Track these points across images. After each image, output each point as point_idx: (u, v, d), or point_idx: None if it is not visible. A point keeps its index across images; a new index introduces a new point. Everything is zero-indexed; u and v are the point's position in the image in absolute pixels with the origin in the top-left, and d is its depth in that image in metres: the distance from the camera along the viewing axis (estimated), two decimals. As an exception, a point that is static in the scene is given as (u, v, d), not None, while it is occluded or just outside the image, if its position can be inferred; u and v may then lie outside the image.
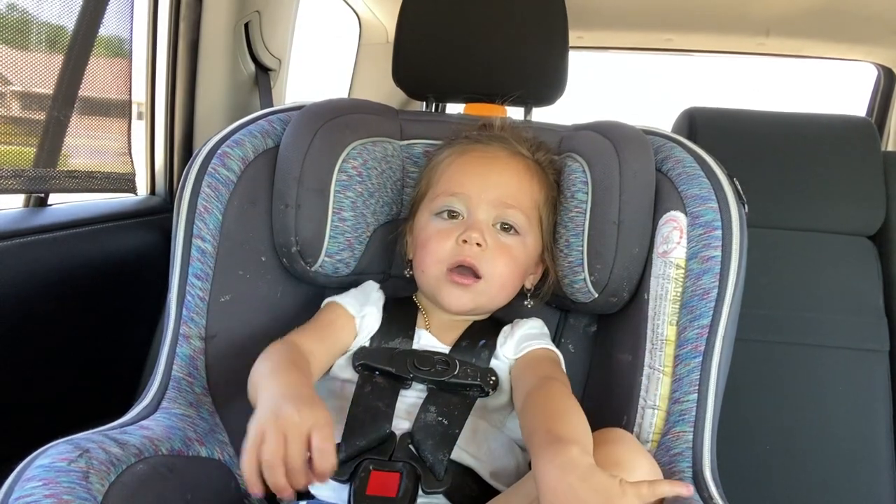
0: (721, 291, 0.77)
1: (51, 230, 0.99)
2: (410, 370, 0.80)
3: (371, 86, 1.99)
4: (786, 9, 1.65)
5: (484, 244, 0.82)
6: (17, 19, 0.95)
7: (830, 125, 1.41)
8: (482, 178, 0.84)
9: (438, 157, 0.91)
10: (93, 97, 1.11)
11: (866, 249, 1.34)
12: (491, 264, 0.82)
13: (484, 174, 0.85)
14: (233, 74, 1.30)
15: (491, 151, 0.88)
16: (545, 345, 0.84)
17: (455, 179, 0.85)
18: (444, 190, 0.86)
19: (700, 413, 0.76)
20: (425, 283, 0.86)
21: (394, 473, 0.72)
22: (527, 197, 0.86)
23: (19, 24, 0.95)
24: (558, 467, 0.56)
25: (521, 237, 0.85)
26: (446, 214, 0.85)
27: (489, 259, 0.82)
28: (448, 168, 0.88)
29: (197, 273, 0.84)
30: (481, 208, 0.83)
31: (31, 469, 0.57)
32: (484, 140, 0.89)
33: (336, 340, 0.84)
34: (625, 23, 1.89)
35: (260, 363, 0.74)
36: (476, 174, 0.85)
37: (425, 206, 0.88)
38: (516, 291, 0.88)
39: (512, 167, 0.86)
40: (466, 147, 0.89)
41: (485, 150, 0.88)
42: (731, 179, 0.82)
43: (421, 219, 0.88)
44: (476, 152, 0.88)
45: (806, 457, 1.27)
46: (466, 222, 0.84)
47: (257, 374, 0.72)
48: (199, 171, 0.85)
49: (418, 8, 1.04)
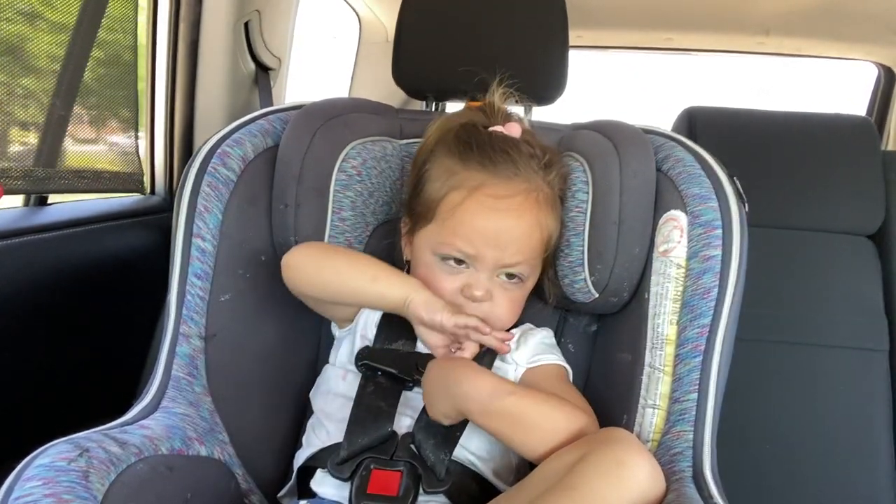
0: (721, 291, 0.77)
1: (50, 229, 0.99)
2: (414, 372, 0.80)
3: (371, 85, 1.99)
4: (786, 8, 1.65)
5: (489, 300, 0.80)
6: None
7: (830, 124, 1.41)
8: (494, 237, 0.78)
9: (447, 173, 0.81)
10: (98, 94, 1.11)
11: (866, 249, 1.34)
12: (494, 311, 0.81)
13: (495, 233, 0.78)
14: (232, 74, 1.30)
15: (504, 194, 0.78)
16: (557, 360, 0.85)
17: (467, 237, 0.78)
18: (451, 242, 0.79)
19: (700, 412, 0.76)
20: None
21: (395, 472, 0.72)
22: (538, 243, 0.81)
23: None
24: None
25: (524, 282, 0.83)
26: (453, 261, 0.80)
27: (492, 307, 0.81)
28: (457, 209, 0.78)
29: (197, 272, 0.84)
30: (488, 270, 0.80)
31: (30, 468, 0.57)
32: (499, 170, 0.79)
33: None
34: (625, 22, 1.89)
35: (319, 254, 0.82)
36: (488, 232, 0.78)
37: (429, 236, 0.81)
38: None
39: (525, 217, 0.79)
40: (481, 181, 0.79)
41: (497, 189, 0.78)
42: (732, 178, 0.82)
43: (422, 247, 0.82)
44: (489, 193, 0.78)
45: (806, 456, 1.27)
46: (472, 275, 0.80)
47: (331, 262, 0.82)
48: (198, 171, 0.85)
49: (418, 7, 1.04)
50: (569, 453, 0.66)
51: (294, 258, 0.82)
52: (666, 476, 0.68)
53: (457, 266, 0.80)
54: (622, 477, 0.61)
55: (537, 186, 0.81)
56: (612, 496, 0.60)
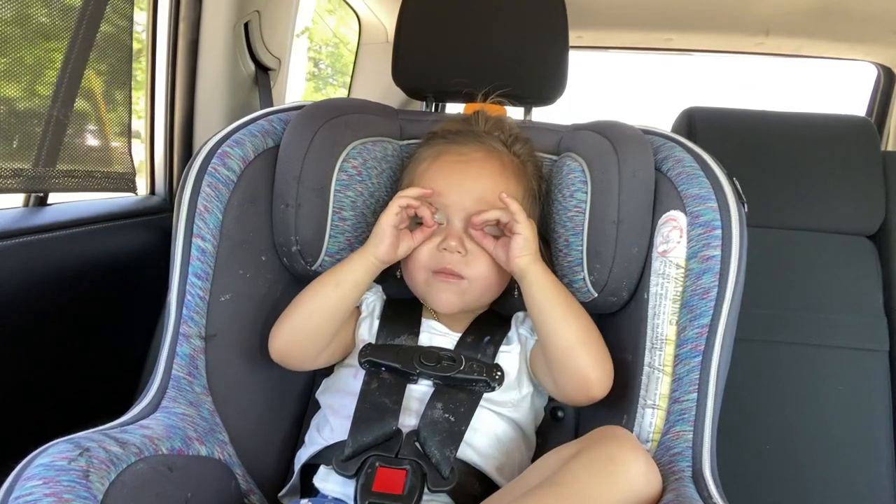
0: (721, 291, 0.77)
1: (50, 230, 0.99)
2: (417, 366, 0.80)
3: (371, 85, 1.99)
4: (785, 8, 1.65)
5: (463, 251, 0.83)
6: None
7: (830, 125, 1.41)
8: (457, 184, 0.85)
9: (416, 158, 0.91)
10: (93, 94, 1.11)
11: (866, 249, 1.34)
12: (472, 268, 0.84)
13: (459, 180, 0.85)
14: (233, 74, 1.30)
15: (465, 153, 0.87)
16: None
17: (431, 187, 0.85)
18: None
19: (700, 412, 0.76)
20: (414, 287, 0.88)
21: (400, 471, 0.73)
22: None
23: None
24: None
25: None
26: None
27: (470, 263, 0.84)
28: (425, 174, 0.87)
29: (197, 272, 0.84)
30: (458, 216, 0.84)
31: (31, 468, 0.57)
32: (459, 140, 0.89)
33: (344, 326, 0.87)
34: (625, 22, 1.89)
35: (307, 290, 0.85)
36: (451, 180, 0.85)
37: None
38: (504, 286, 0.89)
39: (486, 168, 0.86)
40: (442, 149, 0.89)
41: (459, 151, 0.88)
42: (731, 179, 0.82)
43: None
44: (450, 155, 0.87)
45: (805, 456, 1.27)
46: (446, 230, 0.84)
47: (315, 284, 0.84)
48: (199, 171, 0.85)
49: (418, 8, 1.04)
50: (565, 449, 0.66)
51: (275, 339, 0.84)
52: (665, 476, 0.69)
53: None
54: (612, 473, 0.62)
55: (499, 152, 0.88)
56: (601, 492, 0.61)
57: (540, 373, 0.85)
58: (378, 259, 0.83)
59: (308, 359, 0.85)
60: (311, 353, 0.84)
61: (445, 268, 0.83)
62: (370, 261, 0.83)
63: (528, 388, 0.86)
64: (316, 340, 0.84)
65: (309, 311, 0.83)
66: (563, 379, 0.79)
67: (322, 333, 0.83)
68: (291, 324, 0.83)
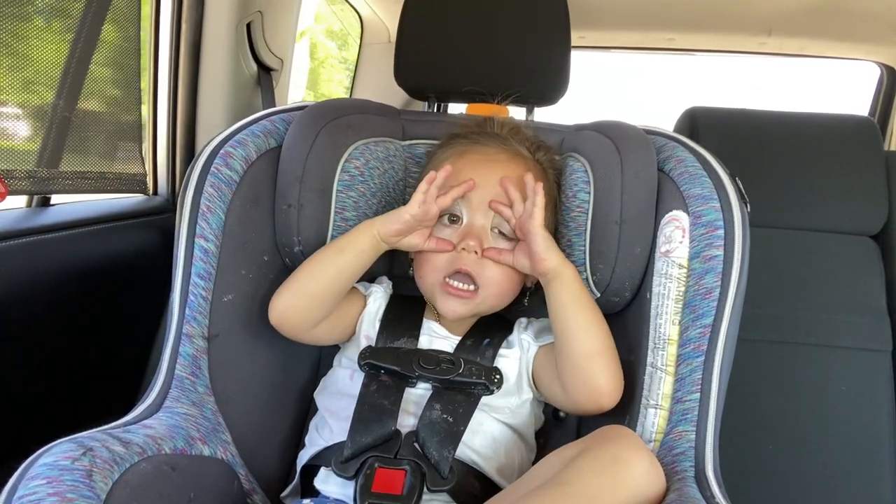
0: (723, 291, 0.77)
1: (53, 230, 0.99)
2: (416, 369, 0.80)
3: (373, 86, 1.99)
4: (788, 8, 1.65)
5: (481, 252, 0.82)
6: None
7: (833, 125, 1.40)
8: (484, 180, 0.83)
9: (438, 157, 0.91)
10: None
11: (869, 249, 1.34)
12: (488, 272, 0.83)
13: (485, 176, 0.84)
14: (235, 74, 1.30)
15: (491, 154, 0.87)
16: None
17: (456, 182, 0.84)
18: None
19: (702, 412, 0.76)
20: (423, 288, 0.88)
21: (399, 471, 0.73)
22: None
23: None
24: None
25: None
26: (446, 219, 0.85)
27: (487, 266, 0.83)
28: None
29: (200, 273, 0.84)
30: (480, 212, 0.84)
31: (34, 467, 0.57)
32: (483, 141, 0.89)
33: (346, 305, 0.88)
34: (627, 22, 1.89)
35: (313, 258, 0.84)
36: (476, 175, 0.84)
37: None
38: (517, 294, 0.88)
39: (511, 169, 0.85)
40: (466, 148, 0.88)
41: (484, 151, 0.87)
42: (734, 179, 0.82)
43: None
44: (475, 154, 0.87)
45: (808, 456, 1.27)
46: (465, 229, 0.84)
47: (319, 255, 0.84)
48: (201, 171, 0.85)
49: (420, 8, 1.04)
50: (569, 449, 0.66)
51: (275, 301, 0.83)
52: (668, 476, 0.68)
53: (451, 225, 0.85)
54: (617, 473, 0.61)
55: (524, 157, 0.88)
56: (606, 492, 0.60)
57: (546, 380, 0.84)
58: (379, 234, 0.82)
59: (306, 325, 0.84)
60: (308, 319, 0.83)
61: (462, 268, 0.82)
62: (372, 233, 0.83)
63: (528, 393, 0.86)
64: (315, 305, 0.83)
65: (311, 273, 0.83)
66: (575, 387, 0.78)
67: (323, 298, 0.82)
68: (292, 286, 0.83)
